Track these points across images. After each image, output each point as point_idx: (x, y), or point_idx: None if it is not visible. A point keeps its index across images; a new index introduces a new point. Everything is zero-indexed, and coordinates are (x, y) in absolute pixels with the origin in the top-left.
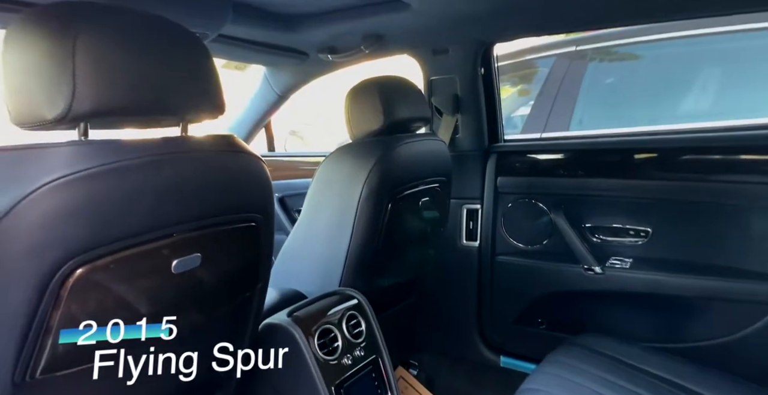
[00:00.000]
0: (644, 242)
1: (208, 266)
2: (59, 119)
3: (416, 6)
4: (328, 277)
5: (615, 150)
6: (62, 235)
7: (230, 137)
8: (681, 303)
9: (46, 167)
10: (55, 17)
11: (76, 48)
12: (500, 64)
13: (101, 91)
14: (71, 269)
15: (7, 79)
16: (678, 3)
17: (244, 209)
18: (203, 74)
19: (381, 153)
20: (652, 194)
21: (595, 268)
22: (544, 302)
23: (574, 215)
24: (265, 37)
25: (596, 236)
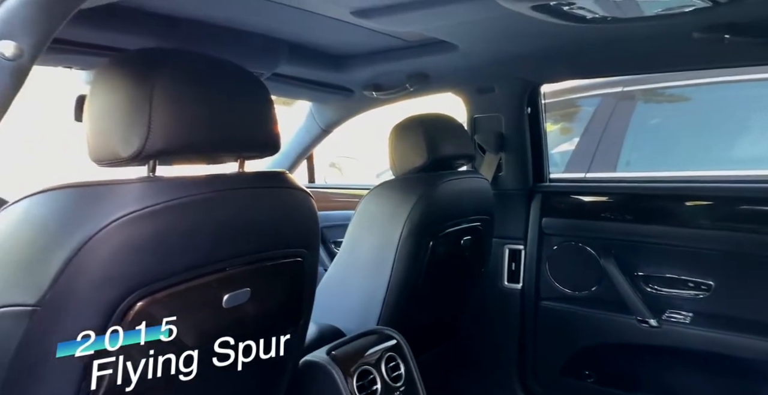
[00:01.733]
0: (706, 296)
1: (255, 302)
2: (133, 157)
3: (464, 47)
4: (366, 314)
5: (672, 196)
6: (129, 268)
7: (282, 173)
8: (748, 366)
9: (117, 203)
10: (138, 64)
11: (154, 93)
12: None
13: (172, 132)
14: (133, 301)
15: (91, 119)
16: (726, 52)
17: (292, 245)
18: (263, 115)
19: (423, 190)
20: (714, 244)
21: (650, 320)
22: (592, 353)
23: (626, 262)
24: (314, 75)
25: (650, 286)
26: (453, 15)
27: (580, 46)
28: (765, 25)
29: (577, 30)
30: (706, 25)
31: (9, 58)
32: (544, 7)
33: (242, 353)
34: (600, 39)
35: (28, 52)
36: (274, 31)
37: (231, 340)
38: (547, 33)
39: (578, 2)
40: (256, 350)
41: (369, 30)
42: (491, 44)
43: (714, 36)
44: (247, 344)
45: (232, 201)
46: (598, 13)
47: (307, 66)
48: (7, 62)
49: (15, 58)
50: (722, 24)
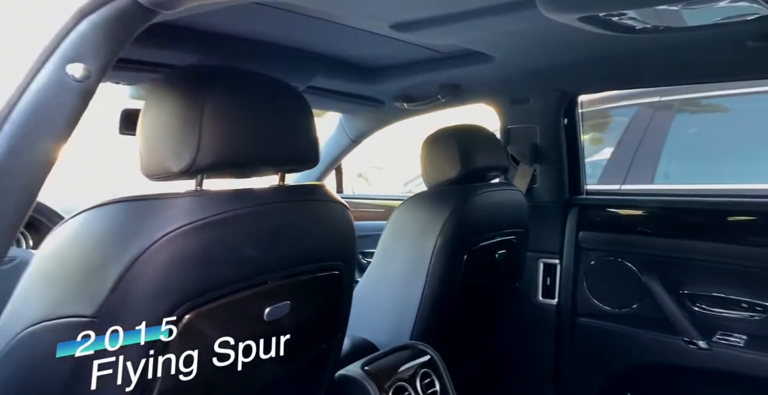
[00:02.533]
0: (762, 318)
1: (295, 315)
2: (183, 172)
3: (501, 58)
4: (398, 327)
5: (721, 211)
6: (178, 281)
7: (321, 186)
8: None
9: (168, 217)
10: (189, 81)
11: (204, 110)
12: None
13: (221, 147)
14: (181, 314)
15: (144, 134)
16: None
17: (330, 258)
18: (305, 129)
19: (458, 202)
20: None
21: (699, 342)
22: (635, 374)
23: (670, 280)
24: (346, 87)
25: (698, 305)
26: (494, 27)
27: (624, 56)
28: None
29: (623, 40)
30: (763, 33)
31: (78, 79)
32: (591, 18)
33: (281, 366)
34: (646, 49)
35: (95, 73)
36: (310, 45)
37: (271, 353)
38: (591, 43)
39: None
40: (294, 363)
41: (403, 42)
42: (529, 55)
43: None
44: (285, 357)
45: (276, 214)
46: (650, 24)
47: (340, 78)
48: (77, 84)
49: (83, 80)
50: None
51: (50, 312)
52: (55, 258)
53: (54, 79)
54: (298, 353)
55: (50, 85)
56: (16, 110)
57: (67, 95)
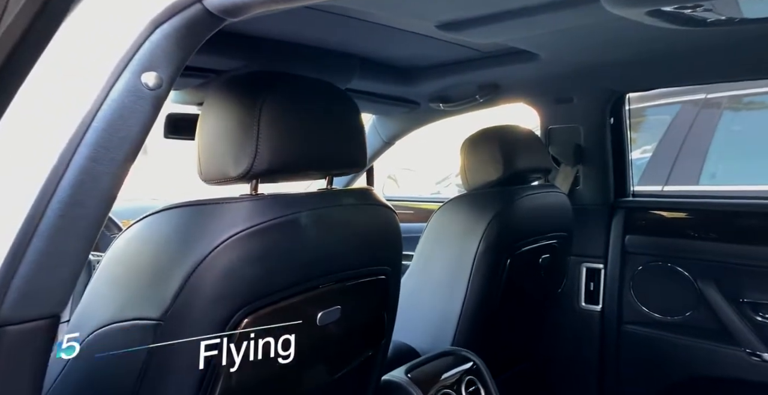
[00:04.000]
0: None
1: (344, 320)
2: (241, 177)
3: (545, 56)
4: (440, 333)
5: None
6: (238, 285)
7: (369, 189)
8: None
9: (229, 221)
10: (246, 87)
11: (262, 115)
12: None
13: (277, 152)
14: (241, 317)
15: (202, 139)
16: None
17: (378, 262)
18: (355, 133)
19: (501, 206)
20: None
21: (764, 354)
22: (689, 387)
23: (730, 287)
24: (381, 88)
25: (761, 315)
26: (547, 24)
27: (681, 52)
28: None
29: (685, 34)
30: None
31: (152, 87)
32: (660, 12)
33: (330, 371)
34: (708, 43)
35: (166, 81)
36: (350, 47)
37: (321, 358)
38: (649, 38)
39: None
40: (342, 368)
41: (443, 42)
42: (577, 53)
43: None
44: (334, 362)
45: (328, 218)
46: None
47: (376, 80)
48: (150, 92)
49: (156, 88)
50: None
51: (119, 314)
52: (123, 262)
53: (130, 89)
54: (347, 358)
55: (127, 94)
56: (97, 119)
57: (141, 103)
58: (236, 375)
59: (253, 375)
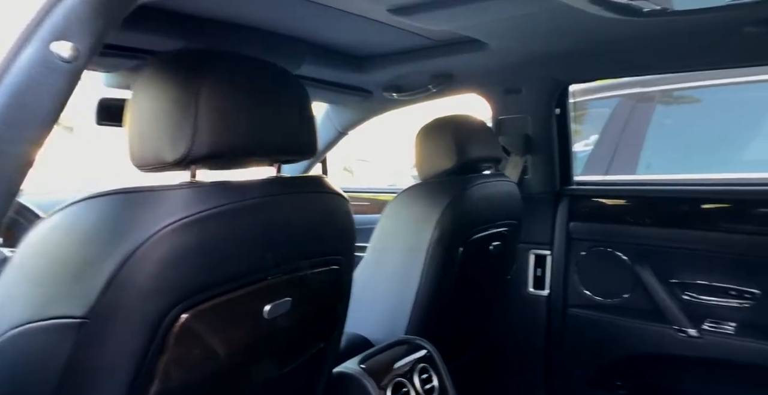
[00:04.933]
0: (752, 305)
1: (295, 312)
2: (178, 162)
3: (494, 45)
4: (394, 322)
5: (710, 199)
6: (175, 277)
7: (320, 177)
8: None
9: (164, 210)
10: (183, 66)
11: (200, 94)
12: None
13: (217, 136)
14: (178, 313)
15: (134, 123)
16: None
17: (330, 252)
18: (303, 117)
19: (454, 194)
20: (758, 251)
21: (690, 330)
22: (625, 364)
23: (661, 269)
24: (333, 76)
25: (688, 293)
26: (494, 11)
27: (621, 42)
28: None
29: (624, 24)
30: (761, 17)
31: (66, 60)
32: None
33: (279, 364)
34: (645, 34)
35: (83, 54)
36: (299, 31)
37: (270, 351)
38: (589, 28)
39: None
40: (293, 361)
41: (396, 28)
42: (525, 42)
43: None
44: (284, 355)
45: (275, 207)
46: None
47: (327, 67)
48: (64, 65)
49: (71, 60)
50: None
51: (37, 312)
52: (41, 255)
53: (39, 59)
54: (298, 351)
55: (35, 66)
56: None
57: (53, 77)
58: (174, 374)
59: (193, 373)
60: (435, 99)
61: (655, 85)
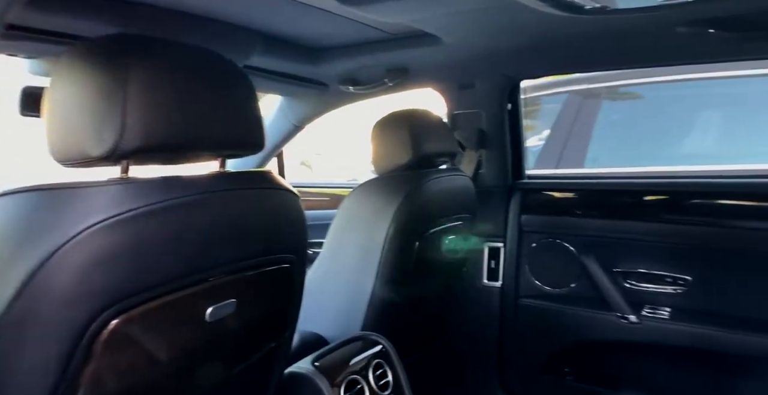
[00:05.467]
0: (684, 291)
1: (241, 314)
2: (105, 157)
3: (448, 40)
4: (349, 319)
5: (647, 192)
6: (103, 281)
7: (268, 172)
8: (727, 360)
9: (89, 209)
10: (107, 51)
11: (128, 83)
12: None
13: (150, 128)
14: (107, 319)
15: (53, 113)
16: (709, 47)
17: (280, 250)
18: (247, 109)
19: (410, 189)
20: (689, 239)
21: (630, 317)
22: (573, 350)
23: (605, 259)
24: (287, 68)
25: (629, 282)
26: (445, 4)
27: (566, 40)
28: (748, 20)
29: (568, 21)
30: (691, 18)
31: None
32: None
33: (226, 367)
34: (588, 32)
35: None
36: (247, 20)
37: (214, 355)
38: (536, 25)
39: None
40: (241, 363)
41: (349, 20)
42: (476, 38)
43: (697, 30)
44: (230, 358)
45: (216, 204)
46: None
47: (280, 58)
48: None
49: None
50: (706, 18)
51: None
52: None
53: None
54: (245, 353)
55: None
56: None
57: None
58: (106, 382)
59: (129, 380)
60: (392, 93)
61: (602, 82)
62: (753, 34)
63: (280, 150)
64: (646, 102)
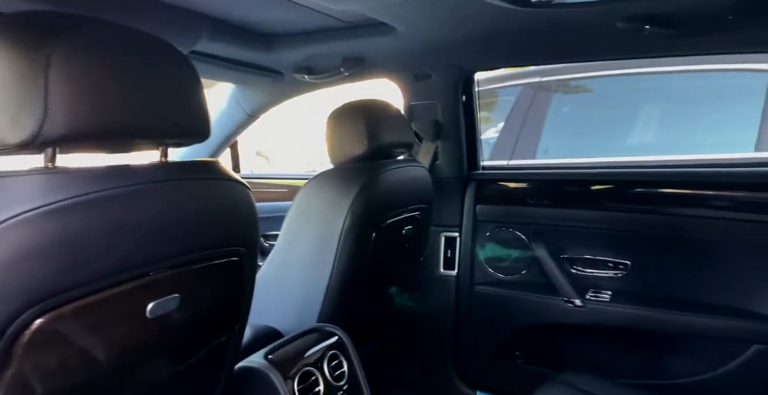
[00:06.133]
0: (623, 275)
1: (186, 308)
2: (25, 144)
3: (402, 30)
4: (305, 311)
5: (591, 181)
6: (25, 279)
7: (214, 162)
8: (662, 338)
9: (9, 200)
10: (27, 28)
11: (51, 64)
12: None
13: (76, 113)
14: (29, 319)
15: None
16: (647, 43)
17: (228, 243)
18: (189, 95)
19: (366, 180)
20: (629, 226)
21: (575, 301)
22: (523, 334)
23: (554, 246)
24: (239, 55)
25: (575, 267)
26: None
27: (515, 33)
28: (682, 17)
29: (516, 14)
30: (629, 14)
31: None
32: None
33: (171, 364)
34: (535, 25)
35: None
36: (193, 3)
37: (158, 351)
38: (486, 17)
39: None
40: (187, 360)
41: (302, 7)
42: (430, 28)
43: (635, 26)
44: (176, 354)
45: (156, 196)
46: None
47: (231, 44)
48: None
49: None
50: (642, 14)
51: None
52: None
53: None
54: (192, 348)
55: None
56: None
57: None
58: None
59: (57, 384)
60: (349, 83)
61: (553, 75)
62: (685, 30)
63: (234, 140)
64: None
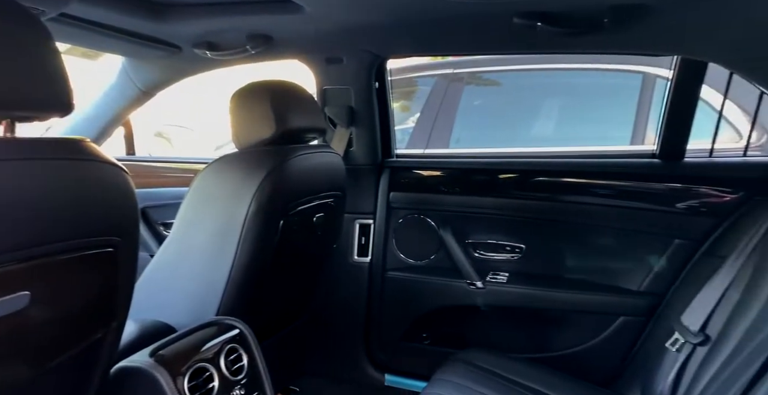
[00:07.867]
0: (519, 257)
1: (41, 307)
2: None
3: (309, 9)
4: (203, 305)
5: (491, 170)
6: None
7: (81, 141)
8: (549, 315)
9: None
10: None
11: None
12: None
13: None
14: None
15: None
16: (540, 39)
17: (99, 232)
18: (43, 62)
19: (273, 165)
20: (525, 213)
21: (477, 283)
22: (430, 317)
23: (460, 231)
24: (125, 23)
25: (478, 251)
26: None
27: (424, 22)
28: (568, 17)
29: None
30: (523, 11)
31: None
32: None
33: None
34: (443, 16)
35: None
36: None
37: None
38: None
39: None
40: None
41: None
42: (339, 10)
43: (529, 22)
44: (35, 355)
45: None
46: None
47: (113, 10)
48: None
49: None
50: (534, 12)
51: None
52: None
53: None
54: (59, 348)
55: None
56: None
57: None
58: None
59: None
60: (258, 62)
61: (464, 68)
62: (570, 30)
63: (125, 118)
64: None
